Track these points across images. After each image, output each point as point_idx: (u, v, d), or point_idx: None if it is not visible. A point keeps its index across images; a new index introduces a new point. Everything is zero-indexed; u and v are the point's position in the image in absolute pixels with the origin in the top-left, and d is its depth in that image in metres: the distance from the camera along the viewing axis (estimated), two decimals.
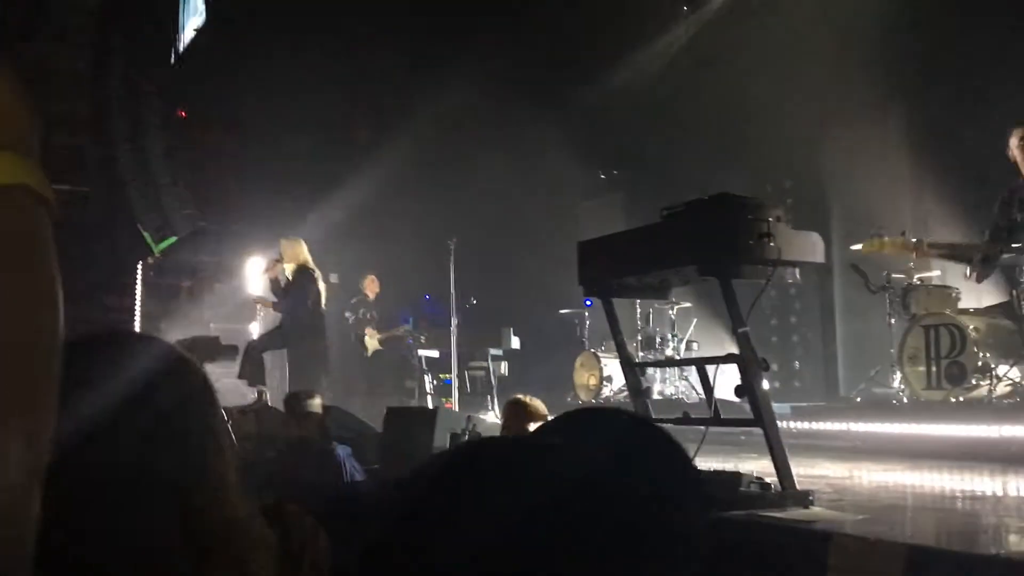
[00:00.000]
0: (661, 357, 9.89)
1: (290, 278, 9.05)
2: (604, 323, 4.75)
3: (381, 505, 1.11)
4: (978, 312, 7.17)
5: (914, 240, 5.20)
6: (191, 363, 1.11)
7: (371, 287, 11.60)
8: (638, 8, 10.68)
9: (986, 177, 7.10)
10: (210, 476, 1.03)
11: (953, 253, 5.26)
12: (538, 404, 4.89)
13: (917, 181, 8.76)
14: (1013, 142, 5.38)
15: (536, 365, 11.57)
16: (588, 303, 10.54)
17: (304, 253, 9.07)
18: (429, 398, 10.31)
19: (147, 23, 11.29)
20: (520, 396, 5.12)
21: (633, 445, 1.07)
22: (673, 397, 9.94)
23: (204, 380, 1.10)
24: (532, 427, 4.44)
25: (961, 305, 7.44)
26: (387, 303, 11.85)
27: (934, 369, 7.19)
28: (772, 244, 3.68)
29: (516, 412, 4.85)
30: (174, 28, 11.69)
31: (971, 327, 6.78)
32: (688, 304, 10.05)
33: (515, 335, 9.60)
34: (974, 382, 6.84)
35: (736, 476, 3.75)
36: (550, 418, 4.30)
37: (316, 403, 5.71)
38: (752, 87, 9.78)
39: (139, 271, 11.37)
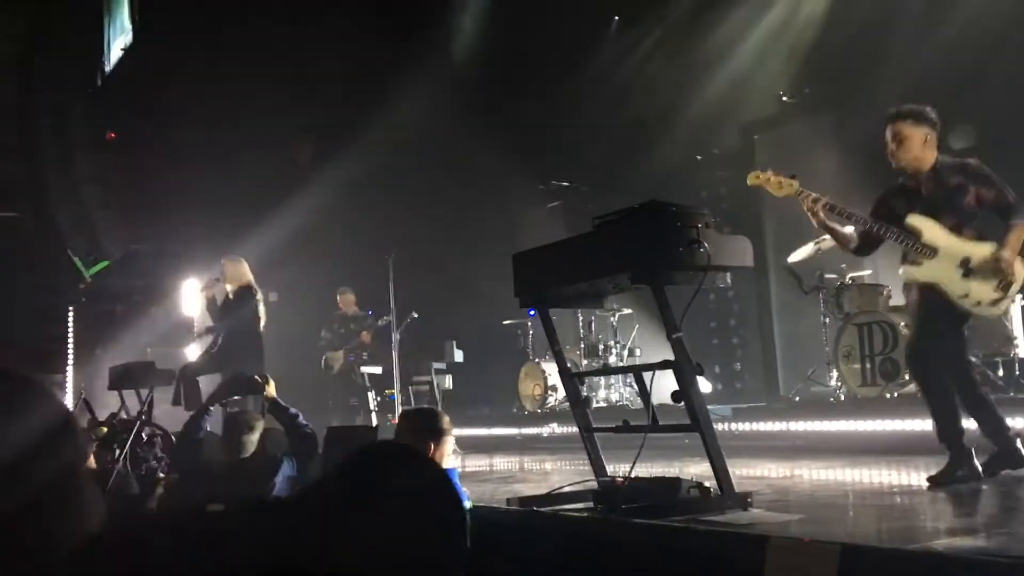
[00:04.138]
0: (604, 364, 9.92)
1: (231, 297, 8.90)
2: None
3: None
4: (908, 308, 7.32)
5: (802, 190, 4.87)
6: (52, 403, 1.09)
7: (345, 303, 11.52)
8: (574, 23, 10.76)
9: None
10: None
11: (841, 213, 4.86)
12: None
13: (847, 186, 8.93)
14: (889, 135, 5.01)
15: (481, 377, 11.53)
16: (532, 313, 10.52)
17: (247, 273, 8.93)
18: (374, 415, 10.21)
19: (72, 46, 11.07)
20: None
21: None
22: (618, 404, 9.98)
23: (64, 421, 1.09)
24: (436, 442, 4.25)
25: (892, 303, 7.60)
26: None
27: (868, 366, 7.34)
28: (702, 250, 3.71)
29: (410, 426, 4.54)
30: (100, 49, 11.46)
31: (902, 324, 6.92)
32: (629, 311, 10.12)
33: (458, 348, 9.55)
34: (907, 378, 6.98)
35: (675, 482, 3.78)
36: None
37: (255, 426, 5.60)
38: (685, 97, 9.92)
39: (72, 297, 11.08)
